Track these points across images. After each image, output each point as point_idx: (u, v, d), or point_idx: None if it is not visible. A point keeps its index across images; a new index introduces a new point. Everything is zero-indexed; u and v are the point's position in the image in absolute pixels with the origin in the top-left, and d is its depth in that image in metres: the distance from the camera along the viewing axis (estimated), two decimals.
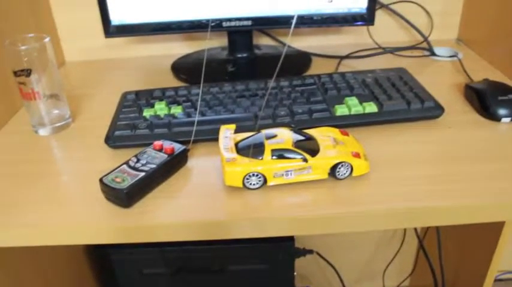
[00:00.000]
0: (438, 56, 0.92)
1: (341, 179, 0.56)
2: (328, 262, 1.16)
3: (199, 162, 0.62)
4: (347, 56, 0.93)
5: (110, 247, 0.96)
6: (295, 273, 1.01)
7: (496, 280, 1.37)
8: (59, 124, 0.73)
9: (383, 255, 1.29)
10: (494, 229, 0.76)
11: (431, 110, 0.68)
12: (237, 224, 0.52)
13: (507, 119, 0.67)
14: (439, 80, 0.82)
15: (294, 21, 0.78)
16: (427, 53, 0.93)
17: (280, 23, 0.84)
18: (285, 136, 0.56)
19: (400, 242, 1.25)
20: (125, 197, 0.52)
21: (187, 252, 0.96)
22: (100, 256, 0.97)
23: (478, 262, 0.85)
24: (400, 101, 0.68)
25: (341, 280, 1.21)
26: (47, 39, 0.68)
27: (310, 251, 1.08)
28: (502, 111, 0.67)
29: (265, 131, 0.58)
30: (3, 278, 0.69)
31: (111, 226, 0.52)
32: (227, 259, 0.98)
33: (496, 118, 0.68)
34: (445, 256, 1.02)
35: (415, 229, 1.13)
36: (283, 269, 1.00)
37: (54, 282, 0.85)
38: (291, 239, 0.96)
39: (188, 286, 1.02)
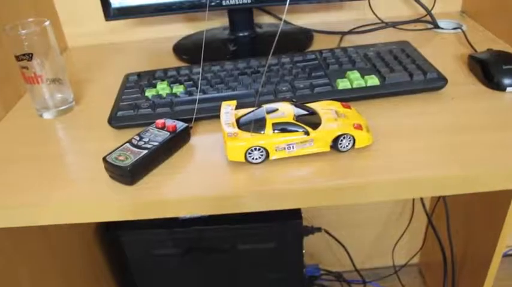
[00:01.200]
0: (442, 28, 0.91)
1: (343, 152, 0.56)
2: (337, 239, 1.17)
3: (202, 139, 0.62)
4: (349, 32, 0.93)
5: (120, 229, 0.97)
6: (303, 251, 1.02)
7: (505, 255, 1.37)
8: (62, 107, 0.73)
9: (392, 232, 1.29)
10: (502, 202, 0.76)
11: (434, 82, 0.67)
12: (241, 198, 0.52)
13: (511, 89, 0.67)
14: (443, 52, 0.81)
15: None
16: (430, 26, 0.92)
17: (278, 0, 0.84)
18: (286, 110, 0.56)
19: (408, 219, 1.25)
20: (128, 174, 0.53)
21: (197, 232, 0.97)
22: (110, 237, 0.98)
23: (487, 235, 0.84)
24: (403, 73, 0.68)
25: (350, 258, 1.22)
26: (47, 23, 0.68)
27: (319, 229, 1.08)
28: (506, 81, 0.67)
29: (266, 106, 0.58)
30: (17, 256, 0.71)
31: (116, 203, 0.53)
32: (236, 239, 0.99)
33: (501, 88, 0.67)
34: (453, 231, 1.02)
35: (423, 205, 1.13)
36: (292, 247, 1.01)
37: (67, 263, 0.87)
38: (298, 217, 0.97)
39: (198, 265, 1.03)
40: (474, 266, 0.92)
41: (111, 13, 0.85)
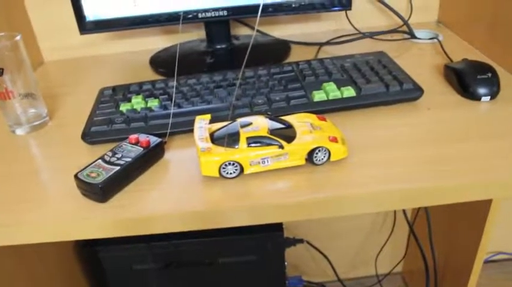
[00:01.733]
0: (418, 38, 0.91)
1: (319, 165, 0.55)
2: (319, 250, 1.16)
3: (176, 154, 0.61)
4: (327, 43, 0.93)
5: (98, 245, 0.95)
6: (286, 263, 1.01)
7: (489, 261, 1.38)
8: (36, 123, 0.72)
9: (374, 242, 1.29)
10: (481, 209, 0.76)
11: (410, 92, 0.67)
12: (216, 214, 0.51)
13: (487, 98, 0.67)
14: (419, 62, 0.81)
15: (260, 8, 0.77)
16: (407, 36, 0.93)
17: (255, 11, 0.83)
18: (260, 124, 0.55)
19: (391, 228, 1.25)
20: (99, 191, 0.52)
21: (176, 246, 0.96)
22: (89, 254, 0.97)
23: (468, 242, 0.85)
24: (379, 84, 0.68)
25: (333, 268, 1.21)
26: (18, 37, 0.67)
27: (301, 241, 1.07)
28: (481, 91, 0.67)
29: (240, 120, 0.57)
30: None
31: (87, 221, 0.51)
32: (216, 252, 0.98)
33: (476, 97, 0.67)
34: (435, 239, 1.03)
35: (405, 214, 1.13)
36: (274, 259, 1.00)
37: (44, 282, 0.85)
38: (280, 229, 0.96)
39: (179, 280, 1.01)
40: (456, 273, 0.92)
41: (86, 26, 0.84)
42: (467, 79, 0.68)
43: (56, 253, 0.91)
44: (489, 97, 0.67)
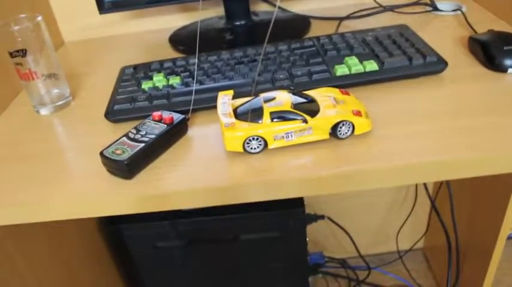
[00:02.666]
0: (441, 10, 0.89)
1: (343, 139, 0.55)
2: (340, 226, 1.17)
3: (199, 130, 0.61)
4: (347, 17, 0.91)
5: (121, 222, 0.97)
6: (307, 239, 1.02)
7: (509, 238, 1.37)
8: (59, 103, 0.73)
9: (396, 217, 1.29)
10: (506, 184, 0.75)
11: (433, 65, 0.66)
12: (240, 189, 0.52)
13: None
14: (442, 34, 0.79)
15: None
16: (429, 8, 0.91)
17: None
18: (283, 98, 0.55)
19: (412, 204, 1.25)
20: (125, 168, 0.52)
21: (199, 224, 0.97)
22: (113, 232, 0.98)
23: (491, 218, 0.84)
24: (402, 58, 0.67)
25: (354, 244, 1.22)
26: (39, 18, 0.68)
27: (322, 217, 1.08)
28: (508, 62, 0.65)
29: (263, 95, 0.57)
30: (19, 256, 0.71)
31: (114, 198, 0.52)
32: (239, 229, 0.99)
33: (502, 69, 0.66)
34: (457, 215, 1.02)
35: (427, 190, 1.13)
36: (295, 235, 1.00)
37: (70, 259, 0.87)
38: (301, 205, 0.96)
39: (201, 257, 1.03)
40: (478, 250, 0.92)
41: (104, 6, 0.84)
42: (493, 50, 0.67)
43: (79, 230, 0.92)
44: None
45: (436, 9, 0.90)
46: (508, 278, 1.28)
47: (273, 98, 0.55)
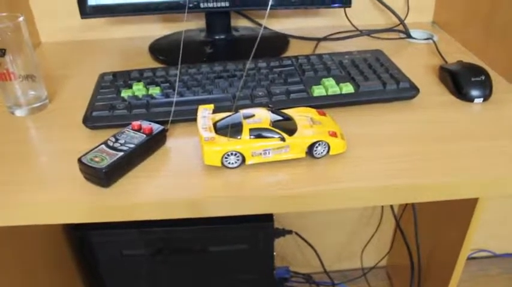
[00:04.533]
0: (414, 38, 0.93)
1: (318, 158, 0.57)
2: (307, 242, 1.18)
3: (178, 142, 0.62)
4: (324, 38, 0.94)
5: (89, 229, 0.96)
6: (274, 253, 1.03)
7: (470, 258, 1.42)
8: (35, 105, 0.72)
9: (361, 235, 1.32)
10: (468, 207, 0.78)
11: (406, 91, 0.69)
12: (216, 203, 0.53)
13: (479, 100, 0.69)
14: (415, 62, 0.83)
15: (270, 2, 0.78)
16: (403, 35, 0.94)
17: (257, 4, 0.84)
18: (262, 116, 0.57)
19: (377, 223, 1.28)
20: (104, 176, 0.53)
21: (168, 233, 0.97)
22: (79, 237, 0.97)
23: (452, 239, 0.87)
24: (377, 82, 0.69)
25: (320, 260, 1.23)
26: (21, 19, 0.67)
27: (290, 232, 1.09)
28: (474, 93, 0.69)
29: (243, 111, 0.58)
30: None
31: (90, 205, 0.52)
32: (207, 240, 0.99)
33: (469, 99, 0.69)
34: (421, 235, 1.05)
35: (392, 210, 1.16)
36: (263, 249, 1.01)
37: (32, 263, 0.85)
38: (270, 219, 0.97)
39: (169, 266, 1.03)
40: (440, 269, 0.95)
41: (87, 11, 0.84)
42: (461, 81, 0.70)
43: (45, 235, 0.91)
44: (482, 99, 0.69)
45: (409, 36, 0.93)
46: None
47: (253, 115, 0.57)
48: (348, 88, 0.68)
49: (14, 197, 0.54)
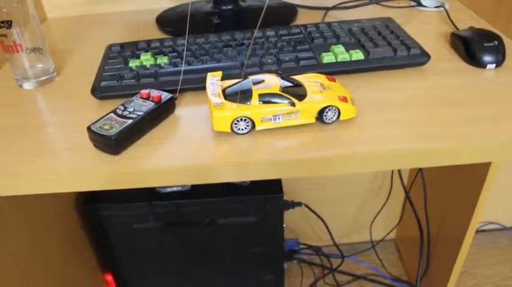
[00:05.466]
0: (425, 6, 0.91)
1: (328, 123, 0.56)
2: (316, 214, 1.19)
3: (187, 110, 0.62)
4: (333, 7, 0.93)
5: (99, 202, 0.96)
6: (284, 225, 1.03)
7: (480, 231, 1.42)
8: (43, 78, 0.72)
9: (370, 207, 1.32)
10: (478, 175, 0.78)
11: (417, 57, 0.68)
12: (225, 168, 0.52)
13: (492, 66, 0.68)
14: (426, 29, 0.81)
15: None
16: (413, 3, 0.93)
17: None
18: (272, 81, 0.56)
19: (387, 195, 1.28)
20: (113, 143, 0.53)
21: (177, 206, 0.97)
22: (90, 211, 0.98)
23: (462, 211, 0.87)
24: (387, 49, 0.68)
25: (329, 233, 1.24)
26: None
27: (299, 204, 1.09)
28: (487, 58, 0.68)
29: (253, 77, 0.57)
30: None
31: (101, 173, 0.52)
32: (216, 213, 0.99)
33: (482, 65, 0.68)
34: (430, 207, 1.05)
35: (402, 181, 1.15)
36: (273, 221, 1.02)
37: (43, 236, 0.86)
38: (279, 191, 0.98)
39: (178, 239, 1.03)
40: (449, 241, 0.95)
41: None
42: (473, 46, 0.69)
43: (56, 208, 0.92)
44: (494, 65, 0.68)
45: (420, 4, 0.92)
46: (476, 270, 1.33)
47: (262, 81, 0.56)
48: (357, 55, 0.67)
49: (27, 167, 0.54)
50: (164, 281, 1.13)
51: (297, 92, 0.56)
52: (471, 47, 0.69)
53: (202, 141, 0.55)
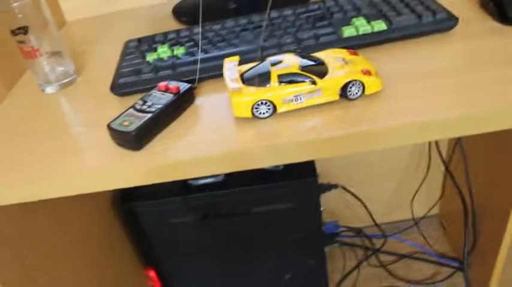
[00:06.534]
0: None
1: (353, 99, 0.54)
2: (355, 195, 1.16)
3: (206, 99, 0.60)
4: None
5: (134, 200, 0.97)
6: (322, 209, 1.01)
7: None
8: (64, 81, 0.72)
9: (409, 185, 1.28)
10: None
11: (444, 22, 0.64)
12: (251, 154, 0.51)
13: None
14: None
15: None
16: None
17: None
18: (290, 61, 0.54)
19: (425, 170, 1.24)
20: (133, 139, 0.52)
21: (210, 198, 0.97)
22: (125, 210, 0.99)
23: (506, 180, 0.83)
24: (410, 16, 0.65)
25: (369, 213, 1.21)
26: None
27: (335, 186, 1.07)
28: None
29: (270, 58, 0.55)
30: (30, 237, 0.71)
31: (124, 170, 0.52)
32: (251, 201, 0.98)
33: None
34: (472, 179, 1.01)
35: (440, 154, 1.11)
36: (310, 205, 1.00)
37: (83, 239, 0.87)
38: (314, 174, 0.96)
39: (214, 231, 1.03)
40: (495, 213, 0.91)
41: None
42: (506, 4, 0.65)
43: (94, 211, 0.93)
44: None
45: None
46: None
47: (280, 61, 0.54)
48: (380, 25, 0.64)
49: (54, 169, 0.54)
50: (206, 273, 1.13)
51: (318, 70, 0.53)
52: (503, 4, 0.65)
53: (223, 130, 0.54)
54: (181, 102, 0.58)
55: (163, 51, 0.68)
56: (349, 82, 0.52)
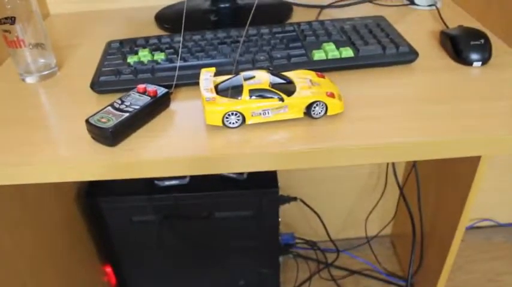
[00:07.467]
0: (417, 5, 0.93)
1: (316, 118, 0.59)
2: (312, 209, 1.21)
3: (181, 105, 0.64)
4: (328, 6, 0.95)
5: (99, 195, 0.99)
6: (279, 220, 1.06)
7: (474, 227, 1.44)
8: (45, 72, 0.74)
9: (366, 203, 1.34)
10: (469, 171, 0.80)
11: (405, 55, 0.70)
12: (218, 159, 0.55)
13: (478, 63, 0.70)
14: (417, 28, 0.83)
15: None
16: (406, 2, 0.95)
17: None
18: (262, 77, 0.58)
19: (381, 191, 1.30)
20: (110, 135, 0.55)
21: (175, 199, 1.00)
22: (90, 204, 1.00)
23: (452, 208, 0.88)
24: (376, 46, 0.70)
25: (325, 228, 1.26)
26: None
27: (294, 199, 1.12)
28: (473, 56, 0.70)
29: (244, 73, 0.60)
30: None
31: (98, 163, 0.55)
32: (213, 206, 1.02)
33: (468, 62, 0.70)
34: (423, 204, 1.07)
35: (396, 178, 1.17)
36: (268, 215, 1.04)
37: (47, 229, 0.89)
38: (275, 185, 1.00)
39: (176, 231, 1.06)
40: (440, 237, 0.97)
41: None
42: (460, 45, 0.71)
43: (58, 202, 0.94)
44: (480, 63, 0.70)
45: (413, 3, 0.94)
46: (469, 265, 1.35)
47: (253, 77, 0.59)
48: (347, 52, 0.69)
49: (26, 156, 0.57)
50: (162, 273, 1.16)
51: (286, 88, 0.58)
52: (458, 45, 0.71)
53: (195, 135, 0.58)
54: (158, 106, 0.61)
55: (144, 55, 0.72)
56: (314, 102, 0.57)
